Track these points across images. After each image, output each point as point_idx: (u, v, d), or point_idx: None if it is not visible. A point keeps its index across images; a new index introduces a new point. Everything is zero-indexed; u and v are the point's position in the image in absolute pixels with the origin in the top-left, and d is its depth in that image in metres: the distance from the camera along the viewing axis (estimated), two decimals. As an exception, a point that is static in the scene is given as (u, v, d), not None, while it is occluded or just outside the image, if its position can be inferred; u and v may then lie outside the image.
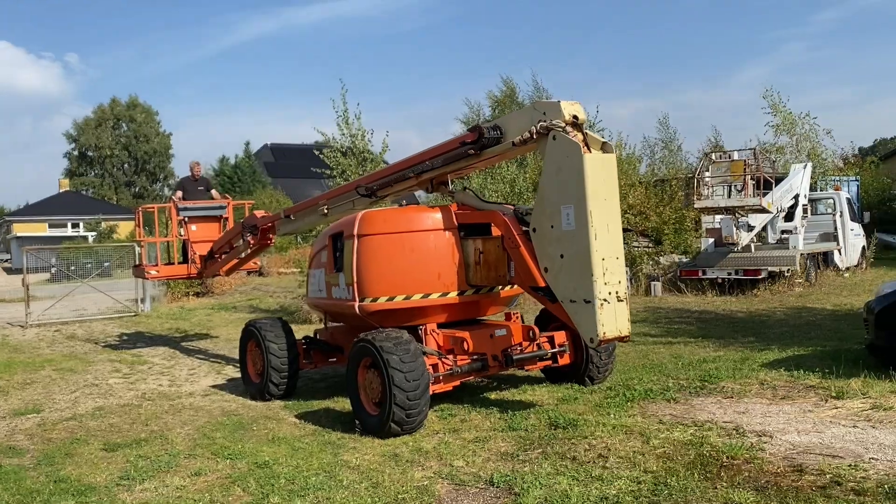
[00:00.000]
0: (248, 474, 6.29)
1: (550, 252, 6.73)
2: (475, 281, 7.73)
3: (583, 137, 6.53)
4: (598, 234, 6.35)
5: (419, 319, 7.78)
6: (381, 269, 7.77)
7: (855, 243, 21.34)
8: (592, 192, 6.34)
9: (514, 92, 38.77)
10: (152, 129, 75.31)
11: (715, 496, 5.00)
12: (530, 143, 6.82)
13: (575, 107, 6.66)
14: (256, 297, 24.11)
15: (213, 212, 13.70)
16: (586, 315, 6.43)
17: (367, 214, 8.12)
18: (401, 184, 8.28)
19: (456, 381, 7.64)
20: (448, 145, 7.69)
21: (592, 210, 6.33)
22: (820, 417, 6.61)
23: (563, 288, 6.64)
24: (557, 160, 6.56)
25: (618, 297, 6.47)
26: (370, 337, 7.18)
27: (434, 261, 7.68)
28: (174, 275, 13.99)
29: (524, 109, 6.97)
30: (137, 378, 11.38)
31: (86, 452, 7.35)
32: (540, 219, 6.84)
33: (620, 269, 6.54)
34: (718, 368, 8.81)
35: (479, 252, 7.64)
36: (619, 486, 5.30)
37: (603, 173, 6.47)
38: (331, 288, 8.54)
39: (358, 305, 7.90)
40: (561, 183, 6.56)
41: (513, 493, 5.39)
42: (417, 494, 5.53)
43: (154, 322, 19.14)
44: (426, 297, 7.68)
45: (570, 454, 6.10)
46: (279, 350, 9.01)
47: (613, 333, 6.44)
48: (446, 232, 7.76)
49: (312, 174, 70.11)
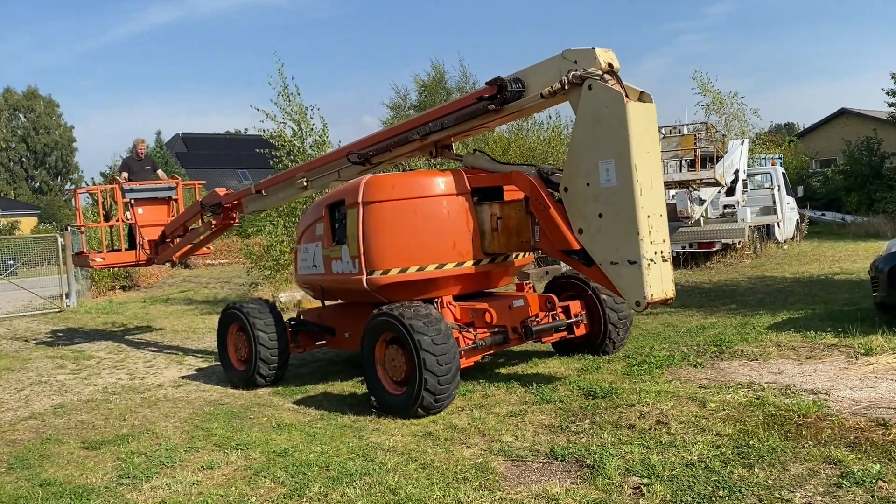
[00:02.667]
0: (269, 464, 5.63)
1: (586, 212, 6.25)
2: (492, 249, 7.22)
3: (621, 86, 6.07)
4: (643, 190, 5.91)
5: (432, 292, 7.21)
6: (392, 239, 7.14)
7: (791, 216, 21.91)
8: (636, 143, 5.87)
9: (442, 76, 38.21)
10: (53, 120, 71.00)
11: (809, 455, 4.69)
12: (559, 94, 6.28)
13: (609, 54, 6.16)
14: (189, 289, 22.85)
15: (161, 193, 12.54)
16: (631, 277, 5.99)
17: (374, 180, 7.45)
18: (401, 148, 7.60)
19: (477, 356, 7.12)
20: (462, 102, 7.07)
21: (637, 163, 5.88)
22: (861, 374, 6.44)
23: (603, 249, 6.18)
24: (594, 111, 6.05)
25: (662, 256, 6.07)
26: (396, 312, 6.53)
27: (449, 228, 7.11)
28: (121, 262, 12.78)
29: (550, 59, 6.40)
30: (89, 373, 10.36)
31: (64, 452, 6.49)
32: (573, 177, 6.35)
33: (664, 226, 6.15)
34: (723, 334, 8.61)
35: (497, 217, 7.12)
36: (699, 452, 4.93)
37: (645, 124, 6.02)
38: (330, 262, 7.81)
39: (366, 279, 7.25)
40: (599, 136, 6.06)
41: (585, 466, 4.94)
42: (477, 473, 5.01)
43: (84, 317, 17.77)
44: (441, 267, 7.09)
45: (625, 422, 5.70)
46: (269, 336, 8.23)
47: (660, 296, 6.02)
48: (460, 196, 7.18)
49: (227, 163, 67.30)
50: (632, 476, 4.68)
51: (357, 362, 9.43)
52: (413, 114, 39.46)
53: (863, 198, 26.69)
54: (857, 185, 27.38)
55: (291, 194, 9.39)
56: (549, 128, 20.40)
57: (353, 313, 8.15)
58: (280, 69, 16.83)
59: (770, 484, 4.35)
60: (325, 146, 17.01)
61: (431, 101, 38.46)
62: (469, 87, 38.80)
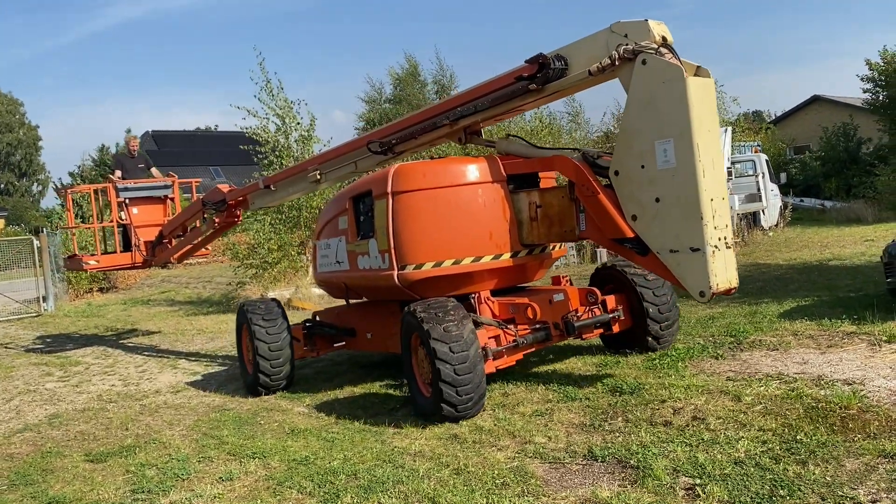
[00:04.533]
0: (292, 473, 5.38)
1: (641, 196, 5.78)
2: (530, 240, 6.78)
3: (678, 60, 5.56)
4: (705, 171, 5.45)
5: (467, 287, 6.82)
6: (426, 231, 6.68)
7: (775, 203, 22.00)
8: (698, 121, 5.41)
9: (416, 69, 37.85)
10: (17, 119, 69.39)
11: (863, 449, 4.54)
12: (608, 71, 5.78)
13: (662, 27, 5.64)
14: (170, 290, 22.40)
15: (157, 191, 12.13)
16: (694, 265, 5.55)
17: (404, 168, 6.98)
18: (428, 134, 7.11)
19: (519, 355, 6.73)
20: (498, 82, 6.48)
21: (699, 142, 5.41)
22: (889, 361, 6.33)
23: (661, 236, 5.72)
24: (650, 88, 5.56)
25: (726, 243, 5.64)
26: (418, 314, 6.15)
27: (485, 218, 6.67)
28: (117, 264, 12.33)
29: (595, 34, 5.90)
30: (79, 380, 10.00)
31: (68, 466, 6.18)
32: (625, 159, 5.86)
33: (727, 211, 5.70)
34: (735, 324, 8.49)
35: (536, 206, 6.69)
36: (746, 448, 4.76)
37: (705, 100, 5.55)
38: (356, 258, 7.35)
39: (397, 274, 6.78)
40: (655, 114, 5.56)
41: (630, 467, 4.75)
42: (517, 478, 4.80)
43: (64, 321, 17.28)
44: (477, 260, 6.67)
45: (660, 419, 5.53)
46: (271, 341, 7.76)
47: (725, 285, 5.61)
48: (496, 184, 6.73)
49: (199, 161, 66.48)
50: (681, 476, 4.50)
51: (364, 363, 9.24)
52: (389, 107, 39.14)
53: (841, 183, 26.95)
54: (834, 171, 27.65)
55: (304, 188, 8.86)
56: (535, 118, 20.18)
57: (375, 312, 7.80)
58: (261, 64, 16.52)
59: (829, 481, 4.20)
60: (310, 141, 16.69)
61: (407, 94, 38.15)
62: (446, 79, 38.54)
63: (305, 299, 15.17)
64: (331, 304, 13.73)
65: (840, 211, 23.74)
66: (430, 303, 6.27)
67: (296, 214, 16.36)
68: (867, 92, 28.91)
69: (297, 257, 16.78)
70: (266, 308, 8.11)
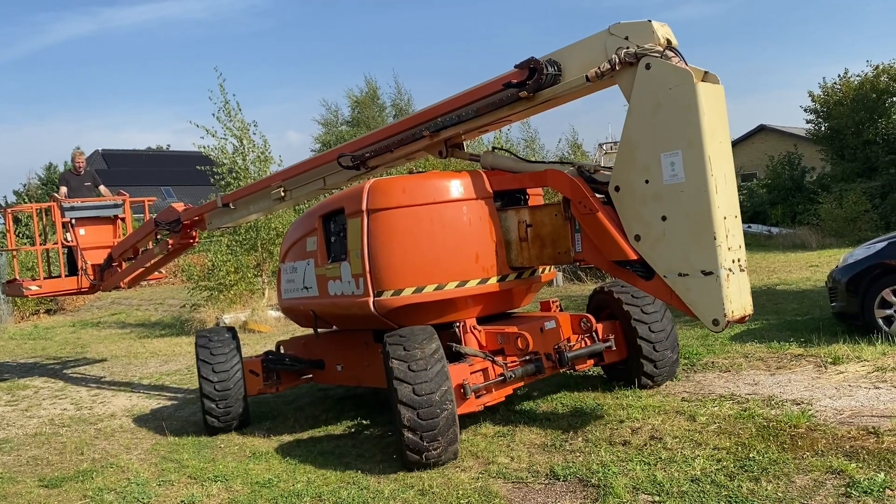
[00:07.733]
0: (255, 496, 5.36)
1: (645, 214, 5.22)
2: (520, 262, 6.22)
3: (685, 65, 5.10)
4: (717, 186, 4.93)
5: (450, 314, 6.23)
6: (405, 253, 6.08)
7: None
8: (709, 131, 4.91)
9: (375, 92, 38.08)
10: (-42, 136, 67.58)
11: (812, 465, 4.73)
12: (607, 76, 5.28)
13: (666, 29, 5.18)
14: (120, 312, 21.98)
15: (106, 211, 11.51)
16: (706, 290, 5.00)
17: (380, 183, 6.36)
18: (406, 147, 6.58)
19: (508, 390, 6.20)
20: (484, 89, 5.94)
21: (711, 154, 4.90)
22: (835, 382, 6.60)
23: (668, 258, 5.16)
24: (654, 95, 5.05)
25: (740, 266, 5.14)
26: (387, 346, 5.63)
27: (470, 238, 6.10)
28: (61, 290, 11.61)
29: (592, 37, 5.41)
30: (29, 404, 9.77)
31: (22, 492, 6.05)
32: (626, 173, 5.30)
33: (740, 230, 5.21)
34: (689, 346, 8.72)
35: (526, 225, 6.14)
36: (702, 466, 4.92)
37: (717, 108, 5.07)
38: (326, 283, 6.71)
39: (373, 301, 6.16)
40: (661, 124, 5.04)
41: (590, 486, 4.87)
42: (481, 499, 4.87)
43: (9, 344, 16.83)
44: (462, 285, 6.09)
45: (618, 439, 5.67)
46: (216, 374, 7.14)
47: (740, 312, 5.09)
48: (482, 201, 6.18)
49: (150, 180, 65.43)
50: (641, 494, 4.63)
51: (325, 385, 9.17)
52: (346, 129, 39.20)
53: (786, 210, 27.75)
54: (780, 198, 28.46)
55: (266, 206, 8.25)
56: (496, 140, 20.43)
57: (347, 342, 7.29)
58: (221, 84, 16.49)
59: (780, 497, 4.37)
60: (267, 162, 16.66)
61: (365, 116, 38.31)
62: (403, 102, 38.81)
63: (262, 322, 15.05)
64: (288, 326, 13.65)
65: (786, 237, 24.45)
66: (400, 333, 5.73)
67: (253, 236, 16.26)
68: (810, 122, 30.06)
69: (254, 279, 16.67)
70: (217, 340, 7.42)
